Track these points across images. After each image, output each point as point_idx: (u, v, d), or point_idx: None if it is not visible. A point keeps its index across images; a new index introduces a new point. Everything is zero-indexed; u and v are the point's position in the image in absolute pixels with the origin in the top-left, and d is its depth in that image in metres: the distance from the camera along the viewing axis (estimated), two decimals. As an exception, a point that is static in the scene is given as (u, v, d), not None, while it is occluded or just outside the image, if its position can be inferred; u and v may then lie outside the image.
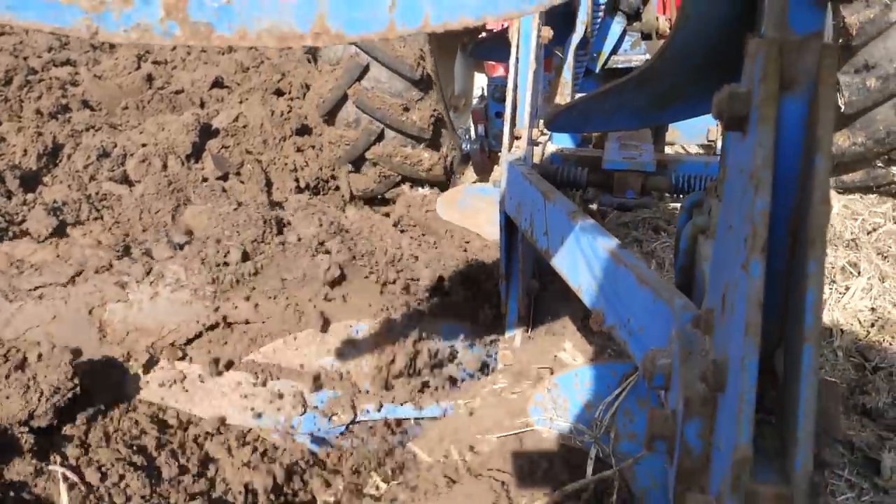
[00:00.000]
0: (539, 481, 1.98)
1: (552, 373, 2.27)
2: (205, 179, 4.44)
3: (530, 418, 2.10)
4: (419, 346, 2.77)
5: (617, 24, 4.14)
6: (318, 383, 2.76)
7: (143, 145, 4.61)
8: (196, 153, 4.69)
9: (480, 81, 5.61)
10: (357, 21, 0.84)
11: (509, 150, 2.74)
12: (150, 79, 6.67)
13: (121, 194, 4.02)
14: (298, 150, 5.09)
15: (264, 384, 2.70)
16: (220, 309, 2.75)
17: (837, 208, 4.64)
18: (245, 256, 3.02)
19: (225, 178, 4.59)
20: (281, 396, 2.71)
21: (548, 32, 2.79)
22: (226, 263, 2.95)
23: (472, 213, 3.67)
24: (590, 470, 2.06)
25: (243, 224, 3.25)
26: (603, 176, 2.76)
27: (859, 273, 3.87)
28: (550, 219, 2.12)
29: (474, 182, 4.92)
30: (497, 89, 4.44)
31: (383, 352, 2.79)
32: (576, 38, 3.38)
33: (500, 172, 2.75)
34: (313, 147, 5.11)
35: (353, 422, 2.83)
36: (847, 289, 3.79)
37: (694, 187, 2.69)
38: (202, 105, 6.37)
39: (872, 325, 3.49)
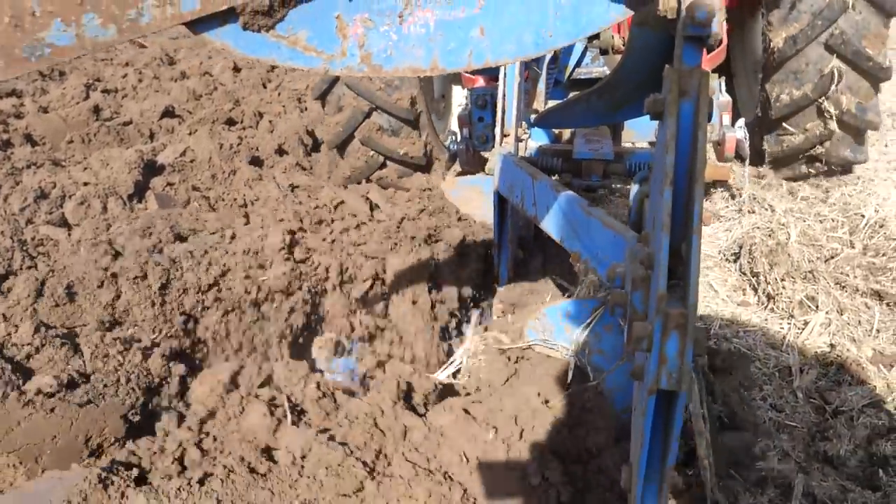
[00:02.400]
0: (533, 382, 2.71)
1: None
2: None
3: (527, 338, 2.83)
4: (433, 299, 3.50)
5: (579, 43, 4.93)
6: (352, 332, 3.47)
7: (85, 184, 4.38)
8: (139, 192, 4.45)
9: (461, 93, 6.37)
10: (452, 62, 1.58)
11: (500, 144, 3.49)
12: (97, 110, 6.44)
13: (58, 239, 3.80)
14: (248, 184, 4.86)
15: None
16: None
17: (795, 235, 4.54)
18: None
19: None
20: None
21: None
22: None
23: (465, 200, 4.41)
24: (570, 375, 2.79)
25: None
26: (573, 164, 3.54)
27: (817, 307, 3.79)
28: (538, 192, 2.87)
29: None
30: (479, 98, 5.17)
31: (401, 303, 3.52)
32: (548, 55, 4.17)
33: (493, 162, 3.49)
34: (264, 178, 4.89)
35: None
36: (805, 324, 3.71)
37: (643, 170, 3.48)
38: (152, 136, 6.09)
39: (831, 364, 3.41)
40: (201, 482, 2.24)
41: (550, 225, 2.72)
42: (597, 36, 4.99)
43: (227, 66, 8.95)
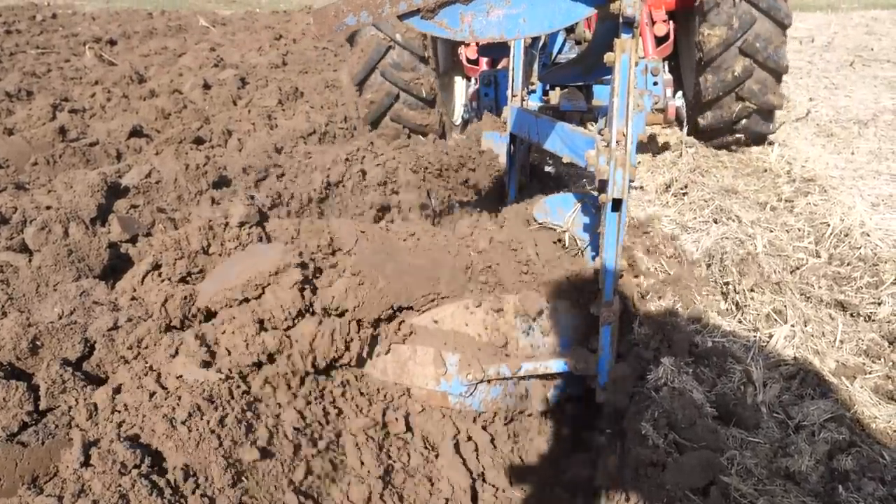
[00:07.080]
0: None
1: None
2: (111, 245, 4.06)
3: (535, 219, 4.47)
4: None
5: (560, 35, 6.64)
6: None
7: (48, 208, 4.20)
8: (102, 216, 4.31)
9: (461, 82, 8.12)
10: (509, 34, 3.23)
11: (510, 102, 5.16)
12: (63, 131, 6.34)
13: (18, 266, 3.70)
14: (216, 204, 4.73)
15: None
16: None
17: (760, 247, 4.63)
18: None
19: (134, 240, 4.26)
20: None
21: (528, 40, 5.23)
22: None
23: (480, 149, 6.06)
24: (567, 242, 4.44)
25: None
26: (559, 115, 5.24)
27: (785, 320, 3.80)
28: (540, 125, 4.53)
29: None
30: (485, 78, 6.83)
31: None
32: (539, 43, 5.85)
33: (506, 113, 5.16)
34: (232, 200, 4.59)
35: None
36: (771, 336, 3.71)
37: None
38: (119, 157, 6.02)
39: (794, 377, 3.41)
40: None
41: (549, 143, 4.38)
42: (573, 30, 6.71)
43: (198, 83, 8.78)
